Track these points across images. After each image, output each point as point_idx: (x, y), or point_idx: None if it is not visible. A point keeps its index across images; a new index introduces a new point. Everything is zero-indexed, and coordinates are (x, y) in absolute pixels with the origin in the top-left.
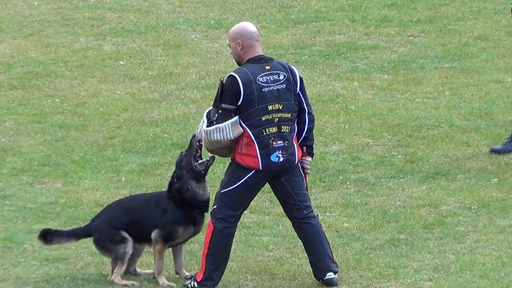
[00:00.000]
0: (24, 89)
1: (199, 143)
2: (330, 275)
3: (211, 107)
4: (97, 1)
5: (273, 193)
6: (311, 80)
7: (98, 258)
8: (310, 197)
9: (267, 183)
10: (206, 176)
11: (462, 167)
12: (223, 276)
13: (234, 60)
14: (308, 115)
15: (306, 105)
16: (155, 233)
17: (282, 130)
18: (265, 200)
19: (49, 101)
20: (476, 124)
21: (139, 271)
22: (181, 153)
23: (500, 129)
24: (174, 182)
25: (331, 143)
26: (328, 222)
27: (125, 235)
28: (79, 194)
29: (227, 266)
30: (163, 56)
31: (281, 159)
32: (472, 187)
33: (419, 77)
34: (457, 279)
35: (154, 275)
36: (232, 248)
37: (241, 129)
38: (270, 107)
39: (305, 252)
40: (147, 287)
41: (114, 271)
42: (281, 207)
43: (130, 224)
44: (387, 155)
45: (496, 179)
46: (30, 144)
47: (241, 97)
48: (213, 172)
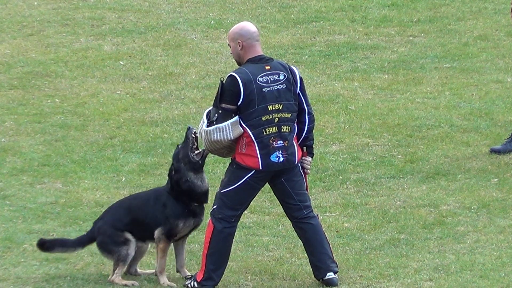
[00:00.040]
0: (24, 89)
1: (195, 135)
2: (330, 275)
3: (211, 107)
4: (97, 1)
5: (273, 193)
6: (311, 80)
7: (98, 258)
8: (310, 197)
9: (267, 183)
10: (206, 177)
11: (462, 167)
12: (223, 276)
13: (234, 60)
14: (308, 115)
15: (306, 105)
16: (158, 232)
17: (282, 130)
18: (265, 200)
19: (49, 101)
20: (476, 124)
21: (139, 271)
22: (178, 146)
23: (500, 129)
24: (172, 175)
25: (331, 143)
26: (328, 222)
27: (128, 236)
28: (79, 194)
29: (227, 266)
30: (163, 56)
31: (281, 159)
32: (472, 187)
33: (419, 77)
34: (457, 279)
35: (156, 273)
36: (232, 248)
37: (241, 129)
38: (270, 107)
39: (305, 252)
40: (147, 287)
41: (115, 271)
42: (281, 207)
43: (133, 223)
44: (387, 155)
45: (496, 179)
46: (30, 144)
47: (241, 97)
48: (213, 172)
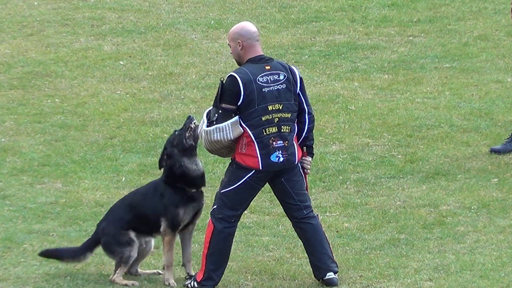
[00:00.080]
0: (24, 89)
1: (194, 125)
2: (330, 275)
3: (211, 107)
4: (97, 1)
5: (273, 193)
6: (311, 80)
7: (98, 258)
8: (310, 197)
9: (267, 183)
10: (206, 177)
11: (462, 167)
12: (223, 276)
13: (234, 60)
14: (308, 115)
15: (306, 105)
16: (162, 225)
17: (282, 130)
18: (265, 200)
19: (49, 101)
20: (476, 124)
21: (140, 271)
22: (175, 132)
23: (500, 129)
24: (165, 159)
25: (331, 143)
26: (328, 222)
27: (132, 236)
28: (79, 194)
29: (227, 266)
30: (163, 56)
31: (281, 159)
32: (472, 187)
33: (419, 77)
34: (457, 279)
35: (164, 267)
36: (232, 248)
37: (241, 129)
38: (270, 107)
39: (305, 252)
40: (147, 287)
41: (116, 271)
42: (281, 207)
43: (136, 219)
44: (387, 155)
45: (496, 179)
46: (30, 144)
47: (241, 97)
48: (213, 172)
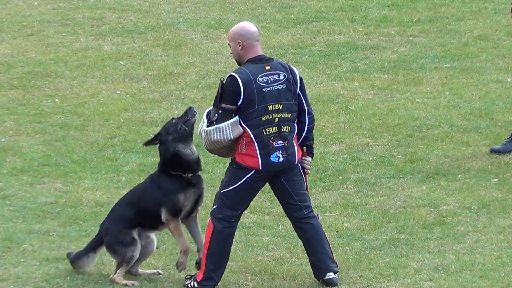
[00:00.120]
0: (24, 89)
1: (193, 117)
2: (330, 275)
3: (211, 107)
4: (97, 1)
5: (273, 193)
6: (311, 80)
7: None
8: (310, 197)
9: (267, 183)
10: (206, 177)
11: (462, 167)
12: (223, 276)
13: (234, 60)
14: (308, 115)
15: (306, 105)
16: (163, 214)
17: (282, 130)
18: (265, 200)
19: (49, 101)
20: (476, 124)
21: (140, 271)
22: (172, 119)
23: (500, 129)
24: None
25: (331, 143)
26: (328, 222)
27: (135, 236)
28: (79, 194)
29: (227, 266)
30: (163, 56)
31: (281, 159)
32: (472, 187)
33: (419, 77)
34: (457, 279)
35: (180, 252)
36: (232, 248)
37: (241, 129)
38: (270, 107)
39: (305, 252)
40: (147, 287)
41: (117, 271)
42: (281, 207)
43: (138, 214)
44: (387, 155)
45: (496, 179)
46: (30, 144)
47: (241, 97)
48: (213, 172)
